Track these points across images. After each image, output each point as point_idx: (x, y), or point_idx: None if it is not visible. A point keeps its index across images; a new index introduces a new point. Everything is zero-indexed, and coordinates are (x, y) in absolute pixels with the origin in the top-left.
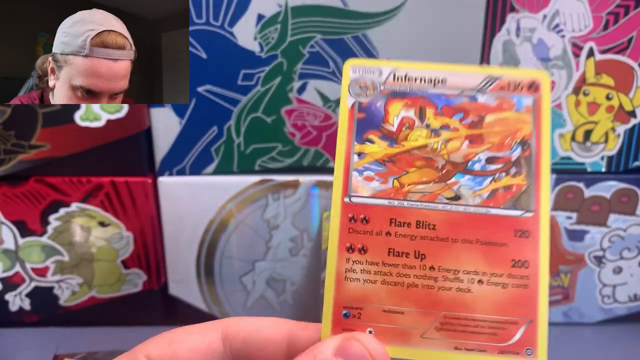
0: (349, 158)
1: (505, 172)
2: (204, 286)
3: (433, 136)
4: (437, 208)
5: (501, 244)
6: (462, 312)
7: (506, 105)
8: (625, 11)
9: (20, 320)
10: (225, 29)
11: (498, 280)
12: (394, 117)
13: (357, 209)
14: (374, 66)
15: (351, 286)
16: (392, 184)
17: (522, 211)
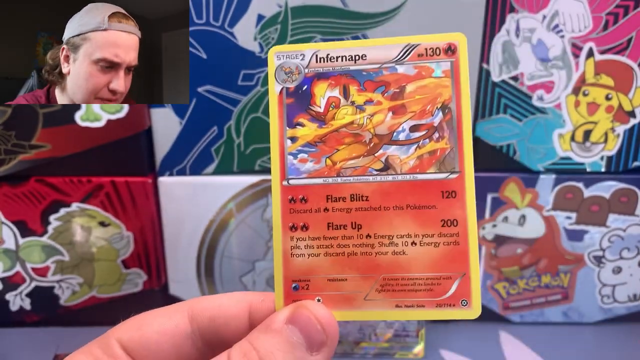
0: (283, 143)
1: (429, 138)
2: (204, 286)
3: (358, 112)
4: (369, 180)
5: (430, 206)
6: (400, 273)
7: (425, 73)
8: (625, 11)
9: (21, 320)
10: (226, 29)
11: (430, 240)
12: (320, 98)
13: (295, 191)
14: (297, 51)
15: (297, 261)
16: (325, 162)
17: (447, 173)
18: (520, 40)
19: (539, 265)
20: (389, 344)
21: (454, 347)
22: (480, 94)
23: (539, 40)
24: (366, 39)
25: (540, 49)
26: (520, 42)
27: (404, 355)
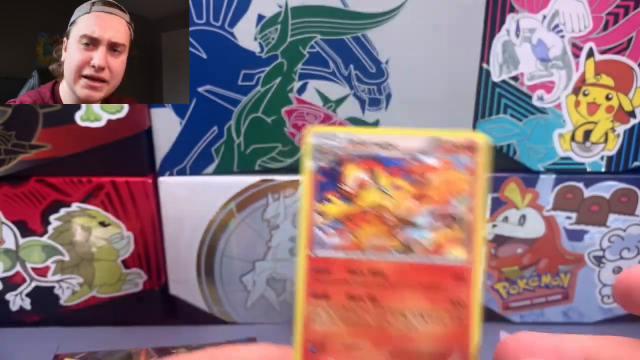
0: (311, 216)
1: (447, 226)
2: (204, 286)
3: (383, 195)
4: (388, 259)
5: (442, 288)
6: (410, 346)
7: (447, 166)
8: (625, 11)
9: (21, 320)
10: (226, 29)
11: (438, 317)
12: (350, 178)
13: (319, 262)
14: (332, 133)
15: (316, 326)
16: (349, 238)
17: (460, 260)
18: (521, 40)
19: (539, 265)
20: None
21: None
22: (480, 94)
23: (539, 40)
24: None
25: (541, 49)
26: (520, 42)
27: None
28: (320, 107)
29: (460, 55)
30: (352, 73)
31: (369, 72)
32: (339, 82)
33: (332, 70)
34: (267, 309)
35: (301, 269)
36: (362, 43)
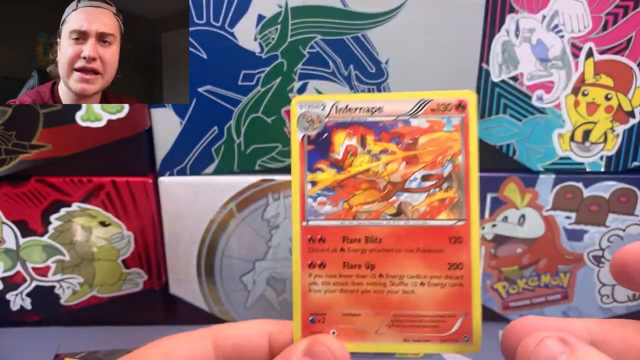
0: (303, 187)
1: (439, 188)
2: (204, 286)
3: (374, 160)
4: (382, 224)
5: (438, 250)
6: (408, 311)
7: (437, 126)
8: (624, 12)
9: (21, 320)
10: (226, 29)
11: (437, 281)
12: (339, 146)
13: (314, 231)
14: (318, 101)
15: (314, 296)
16: (342, 206)
17: (455, 221)
18: (520, 40)
19: (538, 265)
20: None
21: None
22: (480, 94)
23: (538, 40)
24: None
25: (540, 49)
26: (519, 42)
27: (404, 355)
28: None
29: (460, 55)
30: (352, 73)
31: (369, 72)
32: (339, 82)
33: (332, 71)
34: (267, 309)
35: (296, 240)
36: (362, 43)
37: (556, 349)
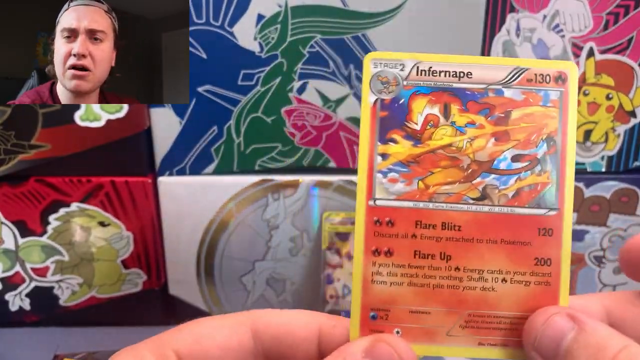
0: (372, 160)
1: (531, 170)
2: (204, 286)
3: (458, 134)
4: (463, 209)
5: (525, 242)
6: (486, 310)
7: (533, 100)
8: (625, 11)
9: (20, 320)
10: (226, 29)
11: (521, 278)
12: (417, 114)
13: (382, 212)
14: (396, 59)
15: (378, 289)
16: (417, 185)
17: (546, 210)
18: (521, 39)
19: None
20: None
21: None
22: None
23: (539, 39)
24: (473, 56)
25: (541, 48)
26: (520, 42)
27: None
28: (320, 107)
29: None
30: (352, 73)
31: None
32: (339, 81)
33: (332, 70)
34: None
35: (360, 222)
36: (362, 43)
37: (564, 326)
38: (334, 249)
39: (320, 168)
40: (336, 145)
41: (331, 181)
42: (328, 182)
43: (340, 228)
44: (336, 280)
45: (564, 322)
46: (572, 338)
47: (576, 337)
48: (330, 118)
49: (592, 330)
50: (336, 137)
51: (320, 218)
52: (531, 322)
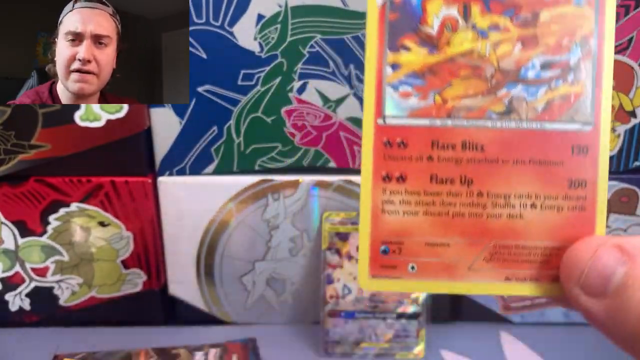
0: (381, 71)
1: (563, 79)
2: (204, 286)
3: (480, 39)
4: (486, 125)
5: (557, 162)
6: (514, 240)
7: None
8: (626, 11)
9: (20, 320)
10: (225, 29)
11: (553, 203)
12: (433, 16)
13: (393, 132)
14: None
15: (389, 219)
16: (434, 99)
17: (581, 124)
18: None
19: None
20: (389, 344)
21: (454, 347)
22: None
23: None
24: None
25: None
26: None
27: (404, 355)
28: (320, 107)
29: None
30: (352, 73)
31: None
32: (339, 81)
33: (332, 70)
34: (266, 309)
35: (367, 143)
36: (362, 43)
37: (614, 259)
38: (334, 249)
39: (320, 168)
40: (336, 145)
41: (331, 181)
42: (328, 182)
43: (340, 228)
44: (336, 280)
45: (613, 255)
46: (625, 272)
47: (629, 272)
48: (330, 118)
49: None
50: (336, 137)
51: (320, 218)
52: (574, 254)
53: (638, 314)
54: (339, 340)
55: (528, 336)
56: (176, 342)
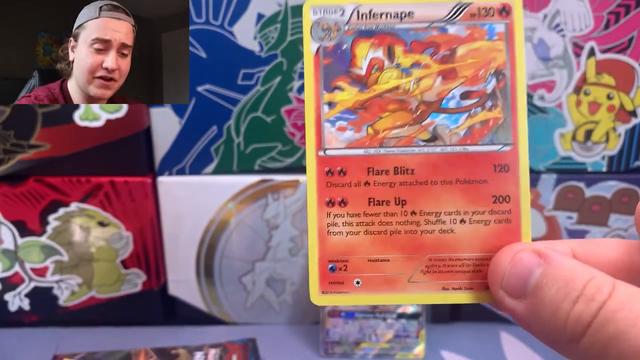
0: (319, 109)
1: (481, 107)
2: (203, 286)
3: (404, 76)
4: (414, 152)
5: (481, 180)
6: (447, 253)
7: (478, 35)
8: (626, 11)
9: (20, 321)
10: (225, 28)
11: (480, 217)
12: (361, 59)
13: (333, 162)
14: (336, 5)
15: (334, 240)
16: (367, 131)
17: (501, 145)
18: None
19: None
20: (389, 344)
21: (454, 347)
22: None
23: (540, 39)
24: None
25: (541, 48)
26: None
27: (404, 356)
28: None
29: None
30: None
31: None
32: None
33: None
34: (266, 309)
35: (311, 172)
36: None
37: (531, 261)
38: None
39: None
40: None
41: None
42: None
43: None
44: None
45: (530, 258)
46: (540, 273)
47: (544, 272)
48: None
49: (558, 264)
50: None
51: None
52: (496, 261)
53: (551, 309)
54: (339, 340)
55: (528, 336)
56: (176, 342)
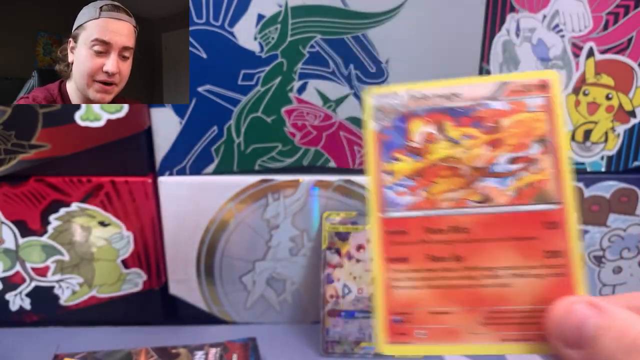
0: (380, 178)
1: (527, 170)
2: (204, 286)
3: (455, 146)
4: (468, 212)
5: (532, 237)
6: (504, 306)
7: (519, 108)
8: (625, 11)
9: (21, 320)
10: (226, 28)
11: (534, 272)
12: (416, 134)
13: (394, 223)
14: (392, 92)
15: (398, 293)
16: (423, 195)
17: (548, 204)
18: (521, 39)
19: None
20: None
21: None
22: None
23: (539, 39)
24: (458, 79)
25: (541, 48)
26: (520, 42)
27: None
28: (320, 107)
29: (460, 55)
30: (352, 73)
31: (369, 72)
32: (339, 81)
33: (332, 70)
34: (267, 309)
35: (375, 233)
36: (362, 43)
37: (586, 313)
38: (334, 248)
39: (320, 168)
40: (336, 145)
41: (331, 181)
42: (328, 182)
43: (340, 228)
44: (336, 280)
45: (585, 310)
46: (595, 324)
47: (599, 323)
48: (330, 118)
49: (612, 314)
50: (336, 137)
51: (320, 218)
52: (552, 313)
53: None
54: (339, 339)
55: None
56: (176, 342)
